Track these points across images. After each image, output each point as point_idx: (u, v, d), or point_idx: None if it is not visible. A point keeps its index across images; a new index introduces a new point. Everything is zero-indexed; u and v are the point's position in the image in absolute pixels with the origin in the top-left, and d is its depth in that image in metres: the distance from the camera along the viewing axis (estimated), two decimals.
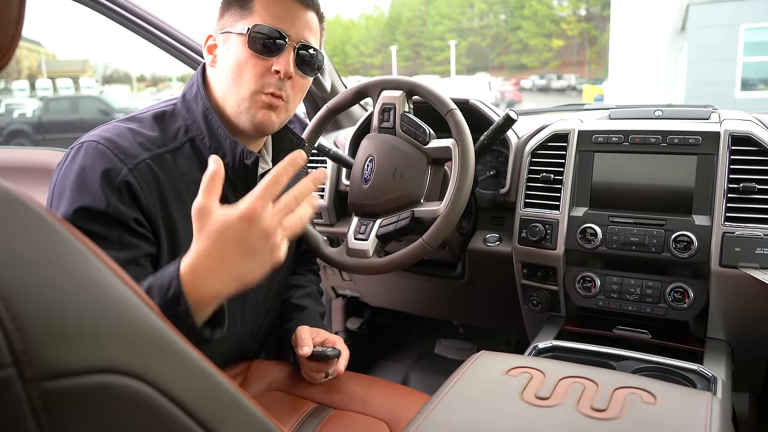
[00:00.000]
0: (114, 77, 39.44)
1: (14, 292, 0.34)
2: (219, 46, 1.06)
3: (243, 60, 1.02)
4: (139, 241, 0.96)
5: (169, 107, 1.08)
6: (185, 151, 1.04)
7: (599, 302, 1.32)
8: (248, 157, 1.05)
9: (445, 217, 1.16)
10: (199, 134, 1.05)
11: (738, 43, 14.16)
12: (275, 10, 1.03)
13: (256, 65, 1.02)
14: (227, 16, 1.05)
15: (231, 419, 0.45)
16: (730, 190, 1.19)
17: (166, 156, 1.01)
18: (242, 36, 1.02)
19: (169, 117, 1.06)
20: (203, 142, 1.05)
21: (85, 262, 0.39)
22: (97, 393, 0.36)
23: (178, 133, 1.05)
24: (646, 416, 0.71)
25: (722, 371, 1.12)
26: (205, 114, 1.05)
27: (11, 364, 0.33)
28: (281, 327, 1.29)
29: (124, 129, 1.00)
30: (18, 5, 0.43)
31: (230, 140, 1.04)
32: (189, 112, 1.07)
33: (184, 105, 1.08)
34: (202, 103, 1.05)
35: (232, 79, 1.03)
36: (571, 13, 39.79)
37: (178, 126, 1.06)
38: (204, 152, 1.05)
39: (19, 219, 0.37)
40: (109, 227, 0.93)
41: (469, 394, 0.79)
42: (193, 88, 1.08)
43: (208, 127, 1.05)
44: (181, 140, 1.04)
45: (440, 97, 1.22)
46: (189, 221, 1.00)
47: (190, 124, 1.06)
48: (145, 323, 0.41)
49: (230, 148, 1.04)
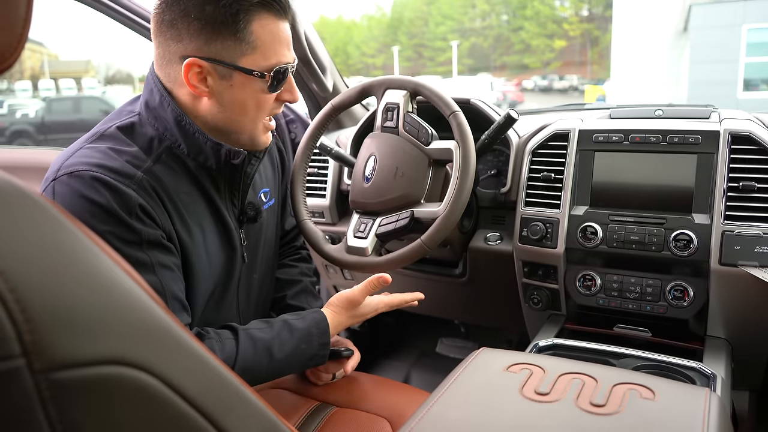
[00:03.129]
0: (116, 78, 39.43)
1: (23, 283, 0.34)
2: (212, 77, 0.97)
3: (259, 98, 1.01)
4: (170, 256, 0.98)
5: (133, 118, 1.02)
6: (164, 162, 1.00)
7: (600, 300, 1.33)
8: (236, 157, 1.04)
9: (444, 219, 1.17)
10: (175, 141, 1.00)
11: (740, 44, 14.15)
12: (275, 40, 0.99)
13: (269, 99, 1.03)
14: (217, 46, 0.95)
15: (234, 411, 0.46)
16: (730, 189, 1.20)
17: (154, 169, 0.98)
18: (256, 76, 0.98)
19: (138, 128, 1.01)
20: (180, 149, 1.01)
21: (92, 255, 0.40)
22: (104, 384, 0.36)
23: (153, 144, 1.00)
24: (645, 412, 0.72)
25: (722, 369, 1.13)
26: (178, 120, 0.99)
27: (20, 354, 0.33)
28: (272, 301, 1.32)
29: (105, 150, 0.95)
30: (26, 5, 0.43)
31: (212, 143, 1.01)
32: (158, 120, 1.00)
33: (149, 114, 1.01)
34: (171, 109, 0.99)
35: (239, 114, 1.01)
36: (573, 14, 39.73)
37: (151, 136, 1.00)
38: (183, 158, 1.02)
39: (26, 212, 0.38)
40: (145, 251, 0.93)
41: (469, 390, 0.80)
42: (155, 95, 1.00)
43: (183, 133, 1.00)
44: (157, 151, 0.99)
45: (444, 98, 1.22)
46: (190, 235, 1.02)
47: (162, 132, 1.00)
48: (150, 316, 0.41)
49: (213, 151, 1.01)
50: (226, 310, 1.16)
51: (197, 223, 1.04)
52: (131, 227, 0.91)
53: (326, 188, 1.66)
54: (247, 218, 1.14)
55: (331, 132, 1.85)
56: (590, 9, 39.29)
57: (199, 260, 1.04)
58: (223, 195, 1.09)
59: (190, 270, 1.02)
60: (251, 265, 1.19)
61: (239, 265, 1.15)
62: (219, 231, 1.09)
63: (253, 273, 1.20)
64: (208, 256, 1.06)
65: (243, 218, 1.14)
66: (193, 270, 1.03)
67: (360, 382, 1.24)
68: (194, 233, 1.03)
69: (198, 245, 1.04)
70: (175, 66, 0.98)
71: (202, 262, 1.05)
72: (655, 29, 18.06)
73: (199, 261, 1.04)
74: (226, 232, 1.10)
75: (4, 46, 0.42)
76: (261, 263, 1.23)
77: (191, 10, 0.93)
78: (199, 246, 1.04)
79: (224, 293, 1.13)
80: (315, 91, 1.78)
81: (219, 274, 1.10)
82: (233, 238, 1.11)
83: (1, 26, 0.42)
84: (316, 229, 1.32)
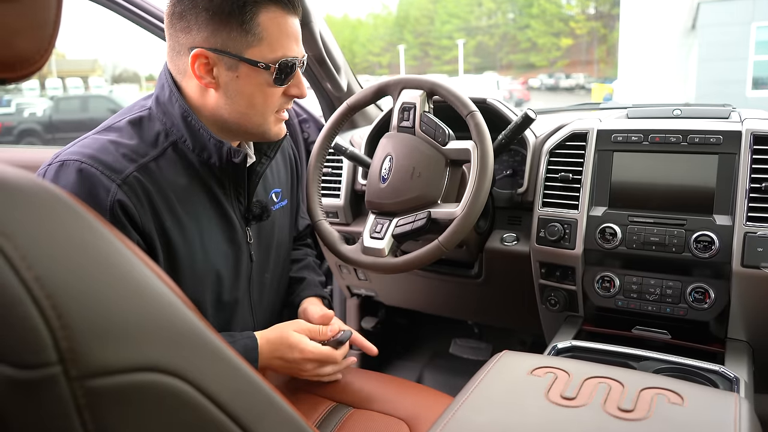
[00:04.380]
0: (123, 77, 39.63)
1: (59, 290, 0.34)
2: (219, 68, 0.98)
3: (265, 91, 1.01)
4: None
5: (143, 112, 1.04)
6: (168, 156, 1.01)
7: (618, 302, 1.31)
8: (236, 156, 1.04)
9: (462, 220, 1.16)
10: (180, 137, 1.02)
11: (749, 42, 14.05)
12: (283, 34, 1.00)
13: (276, 93, 1.03)
14: (223, 36, 0.96)
15: (265, 418, 0.45)
16: (752, 190, 1.18)
17: (151, 165, 0.98)
18: (261, 68, 0.99)
19: (146, 122, 1.03)
20: (186, 144, 1.02)
21: (126, 260, 0.40)
22: (139, 391, 0.36)
23: (159, 138, 1.01)
24: (674, 417, 0.71)
25: (744, 372, 1.11)
26: (184, 116, 1.01)
27: (57, 362, 0.33)
28: (287, 297, 1.33)
29: (105, 142, 0.97)
30: (56, 7, 0.43)
31: (214, 140, 1.02)
32: (166, 115, 1.02)
33: (159, 108, 1.03)
34: (178, 105, 1.01)
35: (247, 107, 1.02)
36: (579, 12, 39.64)
37: (158, 131, 1.02)
38: (187, 154, 1.03)
39: (61, 218, 0.38)
40: None
41: (494, 394, 0.79)
42: (165, 90, 1.03)
43: (189, 129, 1.01)
44: (163, 145, 1.01)
45: (461, 98, 1.21)
46: (182, 231, 1.02)
47: (169, 127, 1.02)
48: (184, 322, 0.41)
49: (215, 149, 1.02)
50: (240, 311, 1.16)
51: (194, 218, 1.04)
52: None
53: (340, 188, 1.65)
54: (252, 216, 1.14)
55: (345, 132, 1.84)
56: (597, 7, 39.19)
57: (190, 254, 1.03)
58: (228, 192, 1.10)
59: (178, 264, 1.02)
60: (262, 264, 1.19)
61: (246, 264, 1.14)
62: (222, 228, 1.09)
63: (264, 273, 1.20)
64: (205, 251, 1.05)
65: (249, 216, 1.14)
66: (182, 265, 1.02)
67: (376, 382, 1.23)
68: (187, 228, 1.03)
69: (191, 239, 1.03)
70: (184, 58, 0.99)
71: (197, 256, 1.04)
72: (663, 27, 17.97)
73: (192, 255, 1.03)
74: (229, 229, 1.10)
75: (35, 48, 0.41)
76: (274, 263, 1.23)
77: (200, 2, 0.95)
78: (193, 240, 1.03)
79: (234, 293, 1.13)
80: (329, 91, 1.77)
81: (222, 270, 1.09)
82: (237, 236, 1.11)
83: (31, 28, 0.41)
84: (332, 229, 1.31)
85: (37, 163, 1.96)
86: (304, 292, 1.32)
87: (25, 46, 0.40)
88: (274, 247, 1.22)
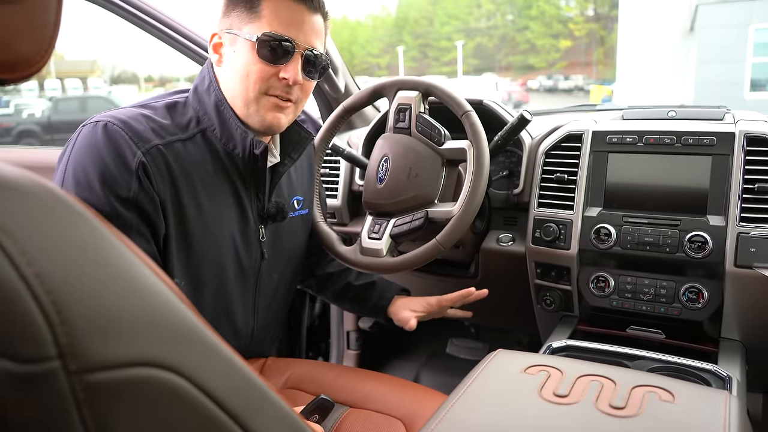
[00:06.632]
0: (122, 78, 39.58)
1: (59, 286, 0.35)
2: (225, 45, 1.06)
3: (251, 65, 1.02)
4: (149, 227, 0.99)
5: (181, 98, 1.09)
6: (196, 141, 1.05)
7: (613, 302, 1.32)
8: (257, 147, 1.05)
9: (459, 219, 1.17)
10: (210, 126, 1.06)
11: (747, 44, 14.07)
12: (283, 16, 1.02)
13: (263, 71, 1.03)
14: (233, 16, 1.04)
15: (261, 413, 0.46)
16: (745, 191, 1.20)
17: (177, 144, 1.02)
18: (250, 42, 1.01)
19: (181, 108, 1.07)
20: (214, 133, 1.06)
21: (125, 258, 0.40)
22: (136, 385, 0.37)
23: (190, 124, 1.05)
24: (665, 414, 0.72)
25: (737, 371, 1.12)
26: (217, 105, 1.06)
27: (56, 356, 0.34)
28: (367, 305, 1.37)
29: (138, 113, 1.01)
30: (56, 8, 0.43)
31: (241, 130, 1.05)
32: (200, 104, 1.07)
33: (195, 97, 1.09)
34: (214, 94, 1.06)
35: (239, 81, 1.04)
36: (578, 14, 39.68)
37: (190, 117, 1.06)
38: (215, 143, 1.06)
39: (61, 216, 0.38)
40: (129, 210, 0.95)
41: (487, 392, 0.80)
42: (205, 80, 1.08)
43: (220, 118, 1.06)
44: (193, 131, 1.05)
45: (456, 98, 1.22)
46: (200, 210, 1.04)
47: (202, 115, 1.07)
48: (180, 319, 0.42)
49: (241, 139, 1.05)
50: (239, 301, 1.16)
51: (212, 198, 1.06)
52: (128, 184, 0.94)
53: (338, 189, 1.66)
54: (268, 215, 1.15)
55: (342, 132, 1.85)
56: (596, 9, 39.23)
57: (201, 229, 1.05)
58: (248, 187, 1.11)
59: (190, 237, 1.04)
60: (272, 263, 1.20)
61: (256, 259, 1.16)
62: (236, 219, 1.11)
63: (272, 272, 1.21)
64: (217, 227, 1.07)
65: (264, 215, 1.15)
66: (194, 237, 1.04)
67: (373, 381, 1.24)
68: (203, 204, 1.04)
69: (205, 214, 1.05)
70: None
71: (209, 231, 1.06)
72: (661, 29, 18.00)
73: (203, 230, 1.05)
74: (243, 221, 1.12)
75: (35, 49, 0.42)
76: (283, 265, 1.24)
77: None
78: (207, 216, 1.05)
79: (239, 284, 1.14)
80: (327, 92, 1.78)
81: (230, 255, 1.10)
82: (249, 231, 1.13)
83: (31, 29, 0.42)
84: (330, 230, 1.32)
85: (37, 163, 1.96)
86: (387, 293, 1.36)
87: (25, 47, 0.41)
88: (286, 250, 1.24)
